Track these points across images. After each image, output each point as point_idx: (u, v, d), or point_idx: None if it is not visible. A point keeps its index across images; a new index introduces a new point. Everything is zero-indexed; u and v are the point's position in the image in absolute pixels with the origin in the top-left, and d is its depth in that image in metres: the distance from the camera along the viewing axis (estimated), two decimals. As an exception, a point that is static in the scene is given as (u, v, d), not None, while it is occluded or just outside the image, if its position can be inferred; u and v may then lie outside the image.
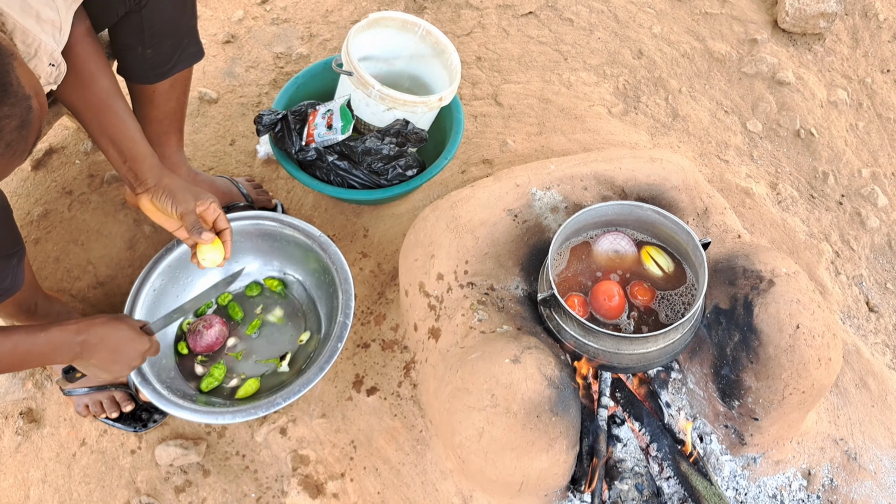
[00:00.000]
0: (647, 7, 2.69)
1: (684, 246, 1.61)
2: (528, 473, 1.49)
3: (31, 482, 1.75)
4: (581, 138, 2.32)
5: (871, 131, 2.48)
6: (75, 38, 1.43)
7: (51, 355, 1.38)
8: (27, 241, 2.05)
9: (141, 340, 1.48)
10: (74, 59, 1.43)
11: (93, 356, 1.42)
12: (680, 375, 1.74)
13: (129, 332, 1.46)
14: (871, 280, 2.19)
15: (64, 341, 1.38)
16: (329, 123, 1.97)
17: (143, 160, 1.51)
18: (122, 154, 1.50)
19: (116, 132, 1.50)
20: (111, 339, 1.43)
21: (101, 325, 1.42)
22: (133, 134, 1.52)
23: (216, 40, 2.59)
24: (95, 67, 1.48)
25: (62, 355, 1.40)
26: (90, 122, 1.50)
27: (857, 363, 1.90)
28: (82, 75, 1.46)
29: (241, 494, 1.73)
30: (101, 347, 1.42)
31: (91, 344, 1.41)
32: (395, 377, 1.82)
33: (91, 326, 1.41)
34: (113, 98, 1.50)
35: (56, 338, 1.37)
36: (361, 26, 1.98)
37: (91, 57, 1.47)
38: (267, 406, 1.59)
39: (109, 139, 1.50)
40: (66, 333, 1.38)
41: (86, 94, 1.48)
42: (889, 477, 1.75)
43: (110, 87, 1.50)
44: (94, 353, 1.42)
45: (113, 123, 1.50)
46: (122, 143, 1.50)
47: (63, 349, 1.39)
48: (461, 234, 1.71)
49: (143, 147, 1.52)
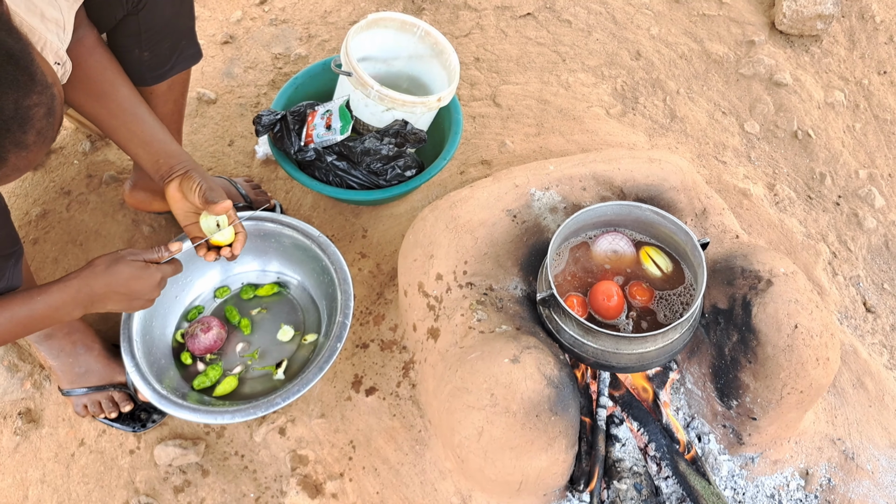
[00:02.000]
0: (645, 8, 2.70)
1: (683, 246, 1.62)
2: (527, 473, 1.49)
3: (30, 482, 1.74)
4: (579, 139, 2.33)
5: (867, 133, 2.49)
6: (87, 50, 1.44)
7: (56, 315, 1.36)
8: (25, 242, 2.04)
9: (148, 273, 1.43)
10: (90, 70, 1.44)
11: (106, 304, 1.40)
12: (678, 375, 1.74)
13: (132, 270, 1.41)
14: (868, 281, 2.19)
15: (66, 300, 1.35)
16: (328, 124, 1.98)
17: (178, 156, 1.52)
18: (154, 154, 1.51)
19: (147, 136, 1.51)
20: (116, 283, 1.39)
21: (102, 273, 1.38)
22: (162, 135, 1.53)
23: (214, 41, 2.59)
24: (113, 77, 1.49)
25: (69, 313, 1.37)
26: (116, 130, 1.50)
27: (854, 363, 1.90)
28: (101, 86, 1.47)
29: (240, 494, 1.73)
30: (110, 294, 1.39)
31: (98, 294, 1.38)
32: (393, 377, 1.82)
33: (92, 277, 1.37)
34: (136, 104, 1.51)
35: (56, 298, 1.34)
36: (360, 27, 1.99)
37: (107, 67, 1.48)
38: (266, 406, 1.59)
39: (140, 143, 1.51)
40: (66, 291, 1.35)
41: (109, 104, 1.49)
42: (886, 476, 1.75)
43: (130, 94, 1.51)
44: (106, 300, 1.40)
45: (142, 129, 1.51)
46: (154, 146, 1.51)
47: (68, 307, 1.36)
48: (460, 235, 1.71)
49: (174, 146, 1.53)
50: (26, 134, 0.96)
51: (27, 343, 1.87)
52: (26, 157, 0.99)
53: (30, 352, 1.88)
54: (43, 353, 1.75)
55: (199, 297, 1.90)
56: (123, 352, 1.66)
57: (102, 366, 1.77)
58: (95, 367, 1.76)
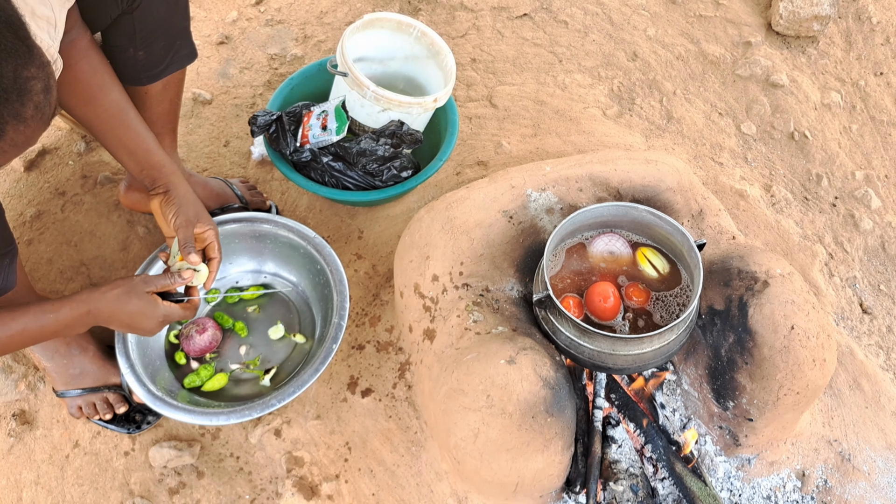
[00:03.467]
0: (642, 9, 2.70)
1: (679, 247, 1.61)
2: (523, 474, 1.48)
3: (24, 484, 1.73)
4: (576, 140, 2.33)
5: (864, 134, 2.49)
6: (79, 53, 1.44)
7: (63, 331, 1.41)
8: (20, 242, 2.04)
9: (155, 313, 1.47)
10: (81, 73, 1.45)
11: (109, 324, 1.45)
12: (675, 376, 1.74)
13: (140, 305, 1.45)
14: (864, 282, 2.19)
15: (75, 318, 1.40)
16: (324, 124, 1.97)
17: (160, 168, 1.54)
18: (139, 164, 1.53)
19: (132, 144, 1.53)
20: (122, 313, 1.44)
21: (113, 300, 1.42)
22: (148, 144, 1.54)
23: (210, 41, 2.58)
24: (103, 81, 1.50)
25: (75, 329, 1.43)
26: (104, 135, 1.52)
27: (850, 364, 1.90)
28: (91, 90, 1.48)
29: (236, 496, 1.72)
30: (113, 320, 1.45)
31: (103, 317, 1.43)
32: (390, 378, 1.81)
33: (102, 301, 1.42)
34: (124, 110, 1.52)
35: (66, 316, 1.38)
36: (356, 27, 1.98)
37: (97, 71, 1.49)
38: (261, 407, 1.59)
39: (126, 151, 1.53)
40: (78, 310, 1.39)
41: (97, 108, 1.50)
42: (883, 478, 1.75)
43: (120, 99, 1.52)
44: (109, 322, 1.45)
45: (127, 136, 1.53)
46: (139, 154, 1.53)
47: (76, 325, 1.41)
48: (456, 236, 1.71)
49: (160, 156, 1.54)
50: (24, 106, 0.95)
51: (21, 344, 1.86)
52: (24, 133, 0.98)
53: (24, 353, 1.87)
54: (37, 354, 1.74)
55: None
56: (118, 353, 1.65)
57: (97, 367, 1.76)
58: (90, 368, 1.75)
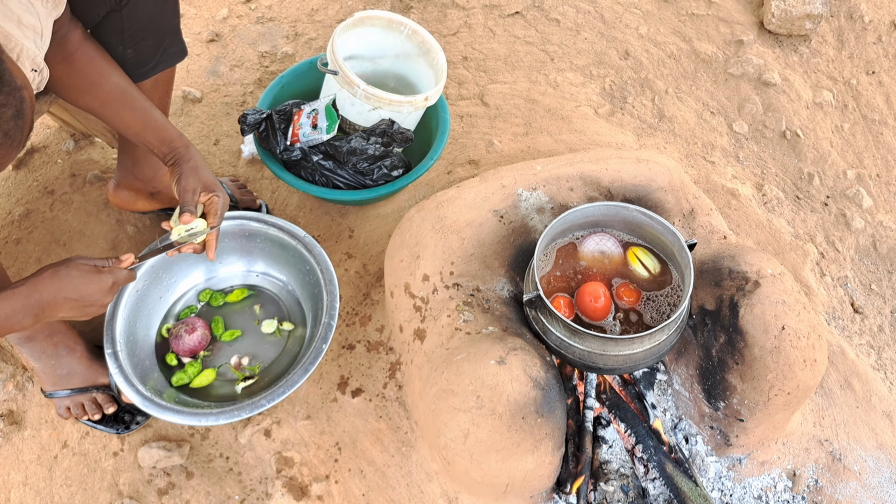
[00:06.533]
0: (634, 8, 2.69)
1: (670, 247, 1.61)
2: (513, 475, 1.48)
3: (12, 485, 1.72)
4: (567, 139, 2.32)
5: (856, 133, 2.49)
6: (74, 45, 1.45)
7: (6, 326, 1.31)
8: (8, 242, 2.03)
9: (99, 279, 1.37)
10: (78, 64, 1.45)
11: (58, 311, 1.35)
12: (666, 377, 1.74)
13: (81, 274, 1.36)
14: (855, 281, 2.19)
15: (15, 308, 1.30)
16: (314, 123, 1.96)
17: (170, 142, 1.56)
18: (150, 143, 1.56)
19: (141, 123, 1.55)
20: (66, 288, 1.34)
21: (50, 278, 1.33)
22: (157, 122, 1.56)
23: (200, 39, 2.57)
24: (101, 67, 1.50)
25: (19, 322, 1.32)
26: (112, 119, 1.54)
27: (841, 364, 1.90)
28: (91, 78, 1.48)
29: (225, 497, 1.71)
30: (60, 301, 1.34)
31: (48, 301, 1.33)
32: (380, 378, 1.81)
33: (39, 283, 1.32)
34: (127, 91, 1.54)
35: (6, 307, 1.30)
36: (347, 25, 1.97)
37: (94, 59, 1.49)
38: (251, 407, 1.58)
39: (136, 132, 1.56)
40: (15, 300, 1.30)
41: (100, 94, 1.51)
42: (873, 477, 1.75)
43: (122, 82, 1.53)
44: (57, 308, 1.34)
45: (134, 116, 1.55)
46: (146, 134, 1.56)
47: (17, 316, 1.31)
48: (447, 235, 1.70)
49: (170, 130, 1.57)
50: None
51: (9, 344, 1.85)
52: None
53: (12, 353, 1.86)
54: (25, 354, 1.73)
55: (182, 297, 1.88)
56: (106, 353, 1.64)
57: (85, 367, 1.75)
58: (78, 368, 1.74)
